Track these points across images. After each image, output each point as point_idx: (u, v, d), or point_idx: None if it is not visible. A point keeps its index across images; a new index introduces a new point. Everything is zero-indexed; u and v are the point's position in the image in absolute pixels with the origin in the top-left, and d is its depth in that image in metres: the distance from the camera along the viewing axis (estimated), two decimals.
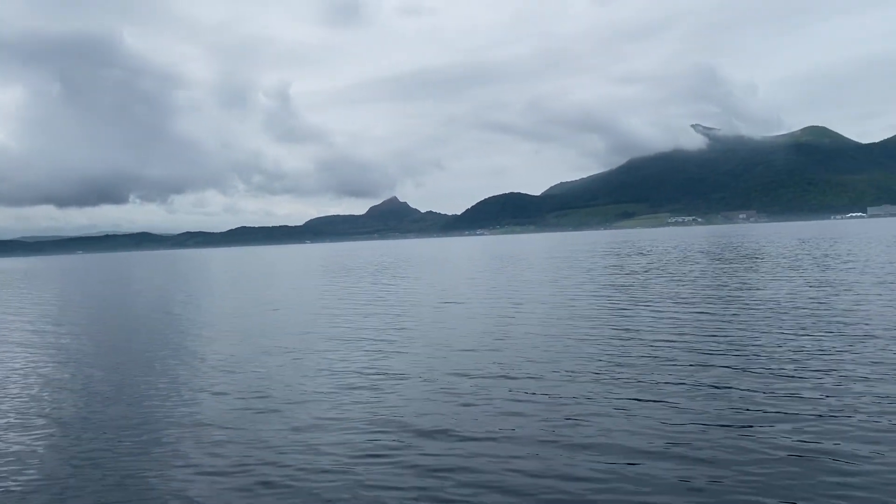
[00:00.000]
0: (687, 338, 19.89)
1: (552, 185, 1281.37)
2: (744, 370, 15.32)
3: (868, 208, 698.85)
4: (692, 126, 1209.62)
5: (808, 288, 31.45)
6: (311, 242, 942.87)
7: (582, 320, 24.76)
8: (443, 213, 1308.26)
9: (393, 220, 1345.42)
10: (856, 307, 24.24)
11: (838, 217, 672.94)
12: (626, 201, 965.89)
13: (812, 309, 24.40)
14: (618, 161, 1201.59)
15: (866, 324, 20.58)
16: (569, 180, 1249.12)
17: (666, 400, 13.18)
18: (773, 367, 15.51)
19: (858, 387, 13.41)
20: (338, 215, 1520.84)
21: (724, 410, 12.31)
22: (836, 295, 28.13)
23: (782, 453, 10.13)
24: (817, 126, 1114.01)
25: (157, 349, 22.53)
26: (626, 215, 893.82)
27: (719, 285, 35.27)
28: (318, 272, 74.05)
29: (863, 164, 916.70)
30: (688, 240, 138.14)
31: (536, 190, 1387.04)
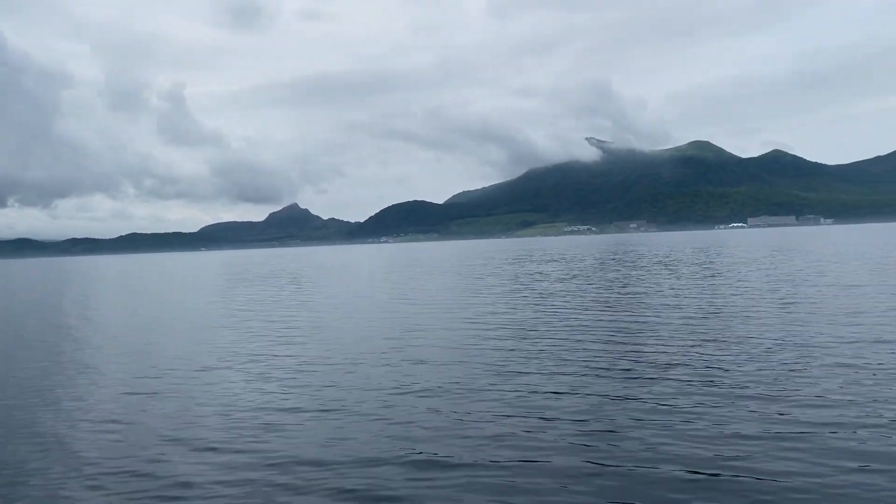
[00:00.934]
0: (585, 340, 19.86)
1: (454, 193, 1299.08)
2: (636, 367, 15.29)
3: (748, 219, 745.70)
4: (586, 139, 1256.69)
5: (701, 292, 32.53)
6: (207, 250, 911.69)
7: (511, 327, 24.44)
8: (346, 220, 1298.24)
9: (294, 227, 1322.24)
10: (741, 308, 25.16)
11: (721, 227, 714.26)
12: (525, 210, 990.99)
13: (697, 310, 25.15)
14: (517, 171, 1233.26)
15: (750, 323, 21.28)
16: (470, 189, 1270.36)
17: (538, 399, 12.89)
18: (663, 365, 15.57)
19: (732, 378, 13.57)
20: (235, 222, 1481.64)
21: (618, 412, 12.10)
22: (723, 298, 29.20)
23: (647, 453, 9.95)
24: (701, 141, 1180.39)
25: (23, 372, 20.39)
26: (526, 224, 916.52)
27: (623, 290, 35.97)
28: (219, 281, 70.97)
29: (743, 178, 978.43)
30: (596, 248, 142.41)
31: (439, 198, 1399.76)
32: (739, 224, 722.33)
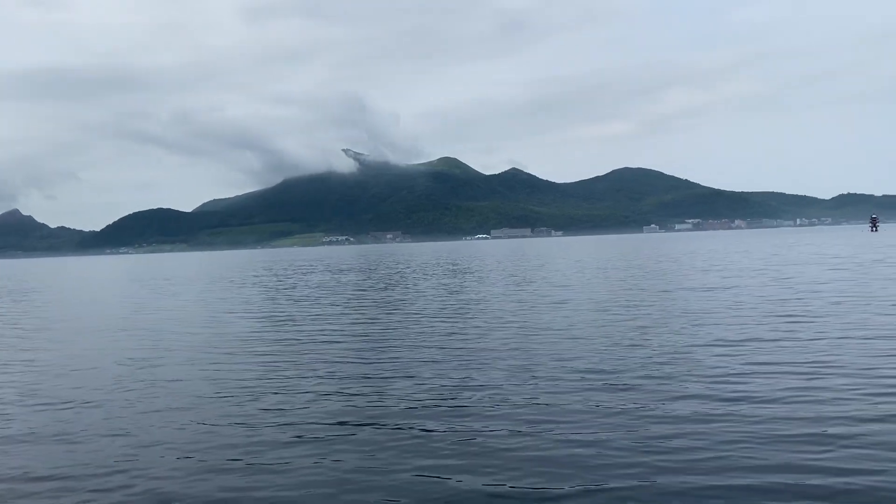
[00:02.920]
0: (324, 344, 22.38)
1: (205, 201, 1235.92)
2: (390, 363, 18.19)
3: (492, 231, 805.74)
4: (343, 150, 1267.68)
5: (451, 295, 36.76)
6: None
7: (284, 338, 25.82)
8: (79, 228, 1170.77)
9: (14, 236, 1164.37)
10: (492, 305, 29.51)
11: (468, 238, 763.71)
12: (282, 220, 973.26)
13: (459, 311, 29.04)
14: (273, 180, 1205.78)
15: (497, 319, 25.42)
16: (222, 197, 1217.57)
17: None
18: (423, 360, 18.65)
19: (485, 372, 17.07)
20: None
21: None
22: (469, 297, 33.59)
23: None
24: (450, 157, 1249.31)
25: None
26: (283, 234, 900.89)
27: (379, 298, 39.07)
28: None
29: (486, 193, 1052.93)
30: (366, 257, 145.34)
31: (187, 206, 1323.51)
32: (484, 235, 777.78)
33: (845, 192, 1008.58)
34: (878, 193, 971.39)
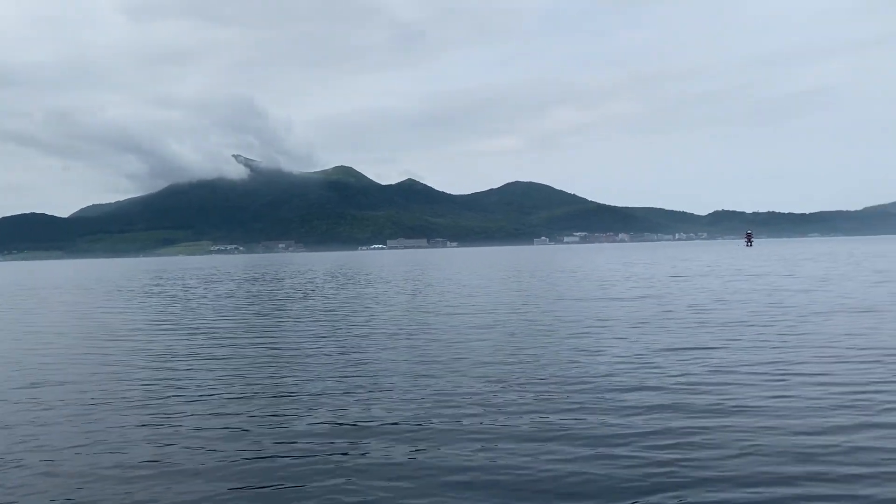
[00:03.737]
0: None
1: (83, 206, 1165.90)
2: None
3: (387, 241, 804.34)
4: (234, 156, 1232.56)
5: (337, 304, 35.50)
6: None
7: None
8: None
9: None
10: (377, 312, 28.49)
11: (364, 248, 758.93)
12: (167, 227, 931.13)
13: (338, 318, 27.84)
14: (158, 185, 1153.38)
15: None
16: (103, 202, 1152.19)
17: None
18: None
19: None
20: None
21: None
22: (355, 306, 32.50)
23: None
24: (345, 166, 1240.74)
25: None
26: (168, 242, 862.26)
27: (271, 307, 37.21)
28: None
29: (382, 203, 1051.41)
30: (256, 266, 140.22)
31: (64, 211, 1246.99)
32: (380, 246, 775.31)
33: (720, 209, 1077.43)
34: (749, 211, 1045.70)
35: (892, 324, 25.52)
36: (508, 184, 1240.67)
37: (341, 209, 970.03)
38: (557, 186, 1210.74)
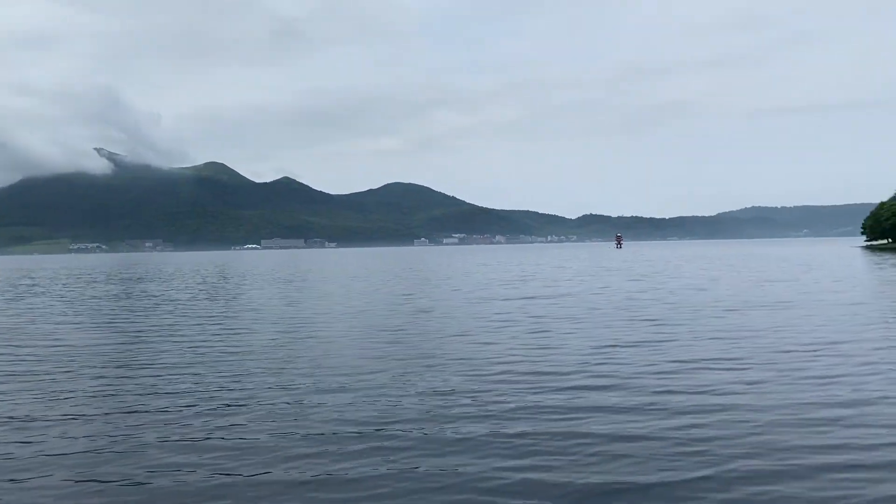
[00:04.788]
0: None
1: None
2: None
3: (262, 241, 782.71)
4: (96, 149, 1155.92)
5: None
6: None
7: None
8: None
9: None
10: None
11: (237, 248, 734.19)
12: (19, 224, 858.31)
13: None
14: (9, 179, 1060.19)
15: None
16: None
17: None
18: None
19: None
20: None
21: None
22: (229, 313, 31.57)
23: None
24: (218, 163, 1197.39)
25: None
26: (21, 240, 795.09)
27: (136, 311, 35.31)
28: None
29: (257, 201, 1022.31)
30: (129, 267, 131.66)
31: None
32: (254, 245, 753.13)
33: (588, 213, 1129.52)
34: (615, 215, 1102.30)
35: (806, 317, 27.75)
36: (388, 184, 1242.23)
37: (213, 207, 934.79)
38: (437, 188, 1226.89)
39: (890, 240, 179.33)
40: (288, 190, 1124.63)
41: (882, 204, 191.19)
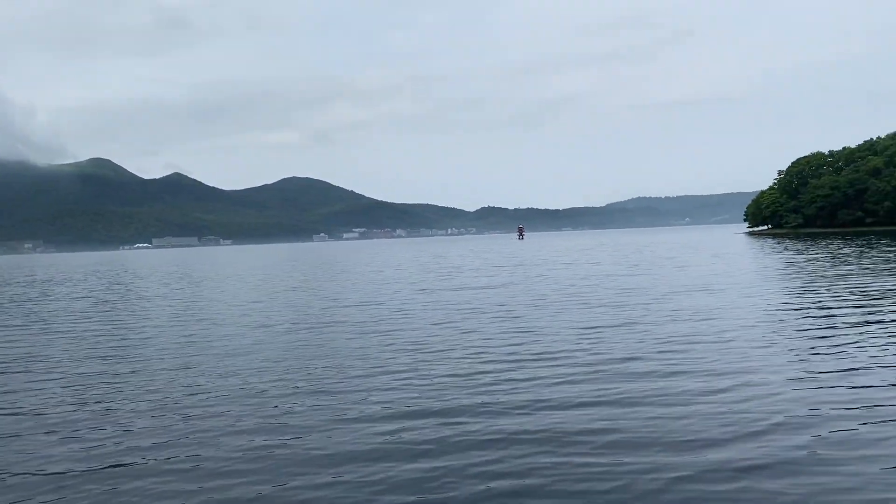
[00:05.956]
0: None
1: None
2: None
3: (153, 239, 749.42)
4: None
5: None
6: None
7: None
8: None
9: None
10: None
11: (127, 248, 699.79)
12: None
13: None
14: None
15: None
16: None
17: None
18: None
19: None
20: None
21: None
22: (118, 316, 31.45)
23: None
24: (103, 158, 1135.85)
25: None
26: None
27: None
28: None
29: (146, 198, 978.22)
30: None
31: None
32: (145, 245, 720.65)
33: (486, 206, 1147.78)
34: (512, 207, 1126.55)
35: (739, 299, 30.27)
36: (285, 179, 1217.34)
37: (99, 205, 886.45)
38: (335, 182, 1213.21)
39: (770, 226, 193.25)
40: (179, 186, 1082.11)
41: (762, 193, 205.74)
